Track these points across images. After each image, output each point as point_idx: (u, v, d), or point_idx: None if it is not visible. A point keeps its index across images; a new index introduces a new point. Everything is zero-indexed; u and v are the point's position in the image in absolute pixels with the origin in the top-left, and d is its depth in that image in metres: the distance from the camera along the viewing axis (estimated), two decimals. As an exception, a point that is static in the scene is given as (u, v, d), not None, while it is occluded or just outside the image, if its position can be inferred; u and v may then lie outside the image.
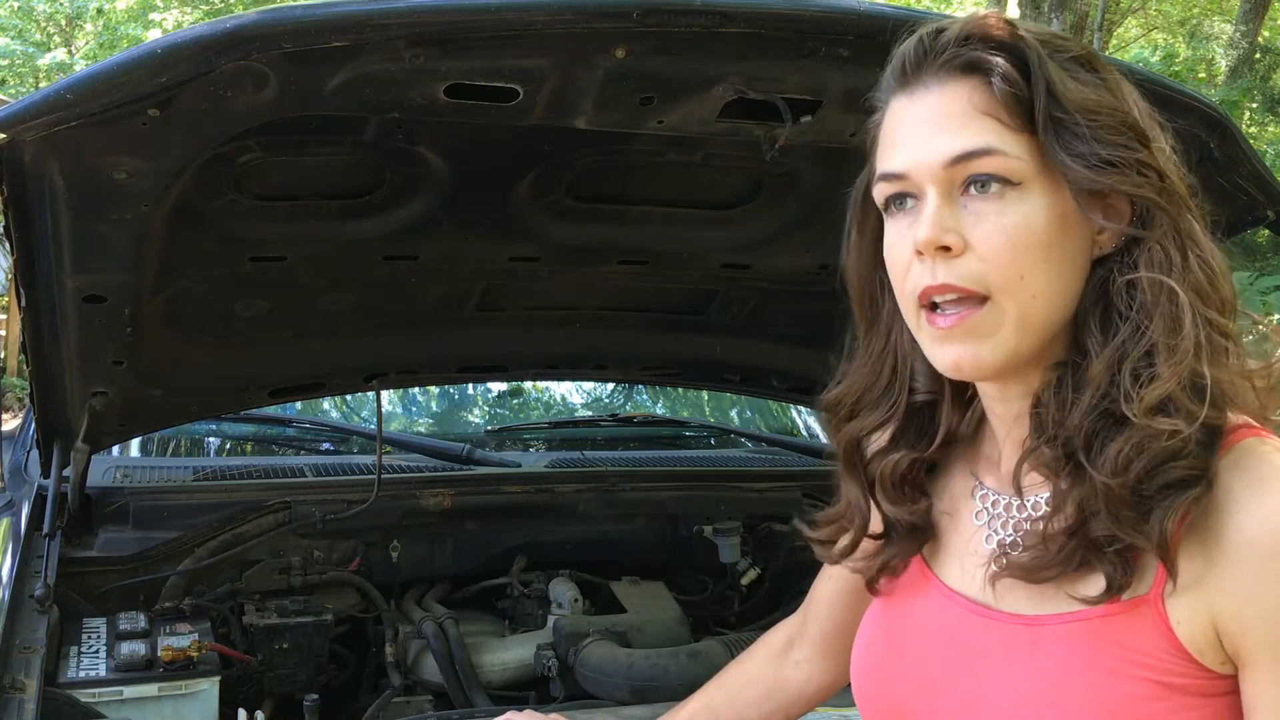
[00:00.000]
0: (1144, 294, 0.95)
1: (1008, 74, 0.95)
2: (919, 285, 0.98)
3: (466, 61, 1.43)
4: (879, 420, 1.12)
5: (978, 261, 0.95)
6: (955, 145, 0.96)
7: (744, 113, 1.58)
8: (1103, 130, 0.95)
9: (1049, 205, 0.96)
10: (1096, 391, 0.95)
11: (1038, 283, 0.96)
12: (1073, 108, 0.94)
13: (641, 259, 2.26)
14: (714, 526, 2.59)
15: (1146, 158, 0.96)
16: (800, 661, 1.37)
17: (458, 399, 3.46)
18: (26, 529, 2.06)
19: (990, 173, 0.95)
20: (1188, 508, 0.91)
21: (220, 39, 1.34)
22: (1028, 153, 0.95)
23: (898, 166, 0.99)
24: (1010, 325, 0.96)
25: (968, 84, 0.97)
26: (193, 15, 16.30)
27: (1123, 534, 0.92)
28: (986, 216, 0.95)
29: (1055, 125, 0.94)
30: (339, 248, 2.02)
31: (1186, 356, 0.92)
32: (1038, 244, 0.95)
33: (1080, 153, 0.94)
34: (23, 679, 1.59)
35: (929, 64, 0.99)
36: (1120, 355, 0.94)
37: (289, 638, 2.19)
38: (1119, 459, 0.92)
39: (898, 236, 1.01)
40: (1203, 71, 16.11)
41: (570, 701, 2.17)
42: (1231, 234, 1.90)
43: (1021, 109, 0.95)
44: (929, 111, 0.98)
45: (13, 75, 15.82)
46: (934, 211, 0.96)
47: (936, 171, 0.97)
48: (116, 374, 1.95)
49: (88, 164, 1.50)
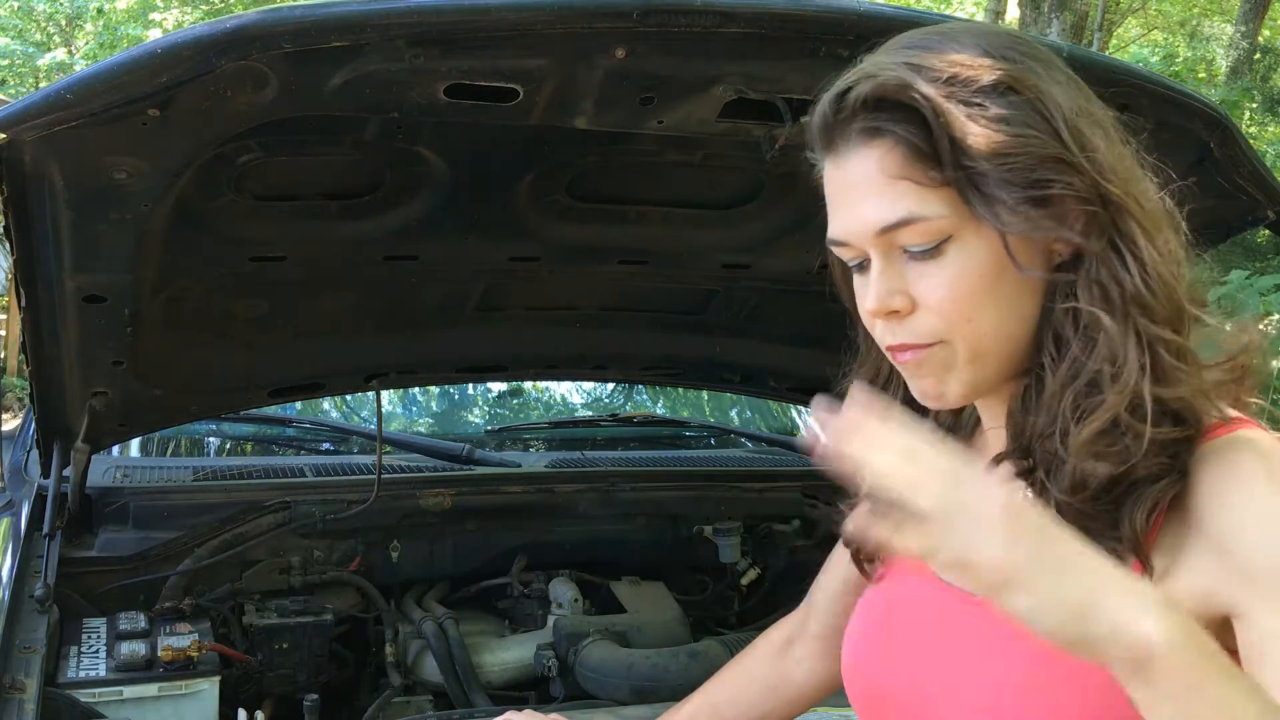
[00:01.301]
0: (1085, 321, 0.96)
1: (910, 138, 0.94)
2: (883, 341, 1.03)
3: (466, 61, 1.43)
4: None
5: (927, 315, 0.98)
6: (878, 216, 0.96)
7: (744, 113, 1.58)
8: (1015, 173, 0.93)
9: (985, 248, 0.96)
10: (1050, 412, 0.97)
11: (985, 321, 0.98)
12: (980, 156, 0.93)
13: (641, 259, 2.26)
14: (714, 526, 2.59)
15: (1067, 188, 0.94)
16: (801, 659, 1.37)
17: (458, 399, 3.46)
18: (26, 529, 2.06)
19: (918, 238, 0.96)
20: (1156, 498, 0.93)
21: (220, 39, 1.33)
22: (950, 206, 0.95)
23: (838, 235, 1.01)
24: (964, 361, 0.99)
25: (878, 149, 0.96)
26: (193, 15, 16.30)
27: (1095, 541, 0.91)
28: (926, 273, 0.97)
29: (968, 176, 0.93)
30: (339, 248, 2.02)
31: (1128, 384, 0.93)
32: (981, 287, 0.96)
33: (1000, 199, 0.93)
34: (23, 679, 1.59)
35: (839, 131, 0.98)
36: (1071, 375, 0.96)
37: (289, 638, 2.19)
38: (1074, 478, 0.94)
39: (859, 292, 1.04)
40: (1203, 71, 16.12)
41: (570, 701, 2.17)
42: (1231, 234, 1.90)
43: (935, 163, 0.94)
44: (849, 179, 0.99)
45: (13, 75, 15.83)
46: (877, 279, 0.99)
47: (870, 239, 0.98)
48: (116, 374, 1.94)
49: (88, 164, 1.50)
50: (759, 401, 3.47)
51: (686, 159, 1.94)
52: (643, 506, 2.62)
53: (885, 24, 1.28)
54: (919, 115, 0.94)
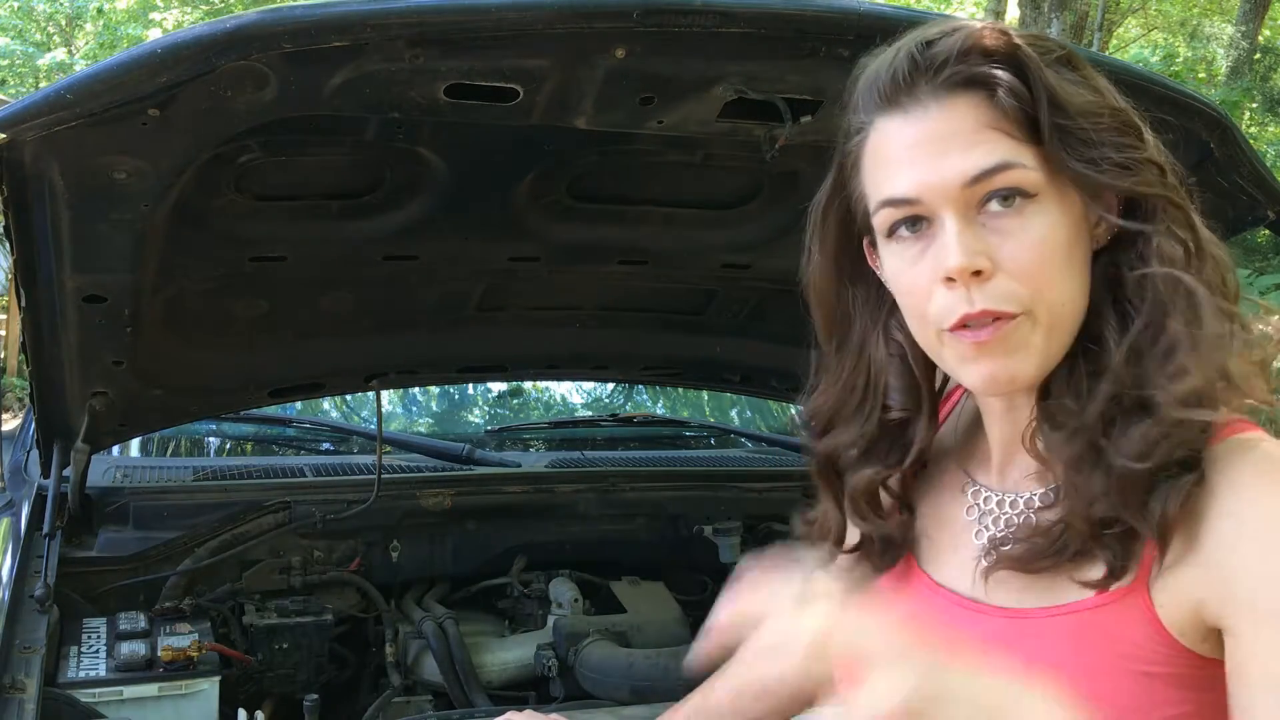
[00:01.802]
0: (1157, 288, 0.94)
1: (1013, 87, 0.93)
2: (954, 313, 0.95)
3: (466, 61, 1.43)
4: (852, 438, 1.11)
5: (1008, 280, 0.94)
6: (971, 164, 0.93)
7: (744, 113, 1.58)
8: (1107, 133, 0.94)
9: (1064, 212, 0.95)
10: (1116, 381, 0.94)
11: (1064, 289, 0.95)
12: (1075, 114, 0.94)
13: (641, 259, 2.26)
14: (714, 526, 2.59)
15: (1151, 154, 0.96)
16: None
17: (458, 399, 3.47)
18: (26, 529, 2.06)
19: (1011, 186, 0.93)
20: (1188, 491, 0.91)
21: (220, 39, 1.33)
22: (1038, 163, 0.94)
23: (905, 191, 0.96)
24: (1042, 334, 0.95)
25: (970, 99, 0.94)
26: (193, 15, 16.30)
27: (1127, 516, 0.92)
28: (1011, 233, 0.94)
29: (1061, 134, 0.93)
30: (339, 248, 2.02)
31: (1214, 349, 0.92)
32: (1060, 252, 0.95)
33: (1091, 158, 0.93)
34: (23, 679, 1.59)
35: (923, 81, 0.96)
36: (1139, 346, 0.94)
37: (289, 638, 2.18)
38: (1145, 443, 0.91)
39: (908, 264, 0.98)
40: (1203, 71, 16.12)
41: (570, 701, 2.17)
42: (1231, 234, 1.90)
43: (1026, 120, 0.94)
44: (931, 130, 0.95)
45: (13, 75, 15.82)
46: (959, 236, 0.94)
47: (953, 193, 0.94)
48: (116, 374, 1.94)
49: (88, 164, 1.50)
50: (759, 401, 3.47)
51: (686, 159, 1.94)
52: (643, 506, 2.62)
53: (885, 24, 1.28)
54: (1016, 67, 0.94)
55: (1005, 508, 1.05)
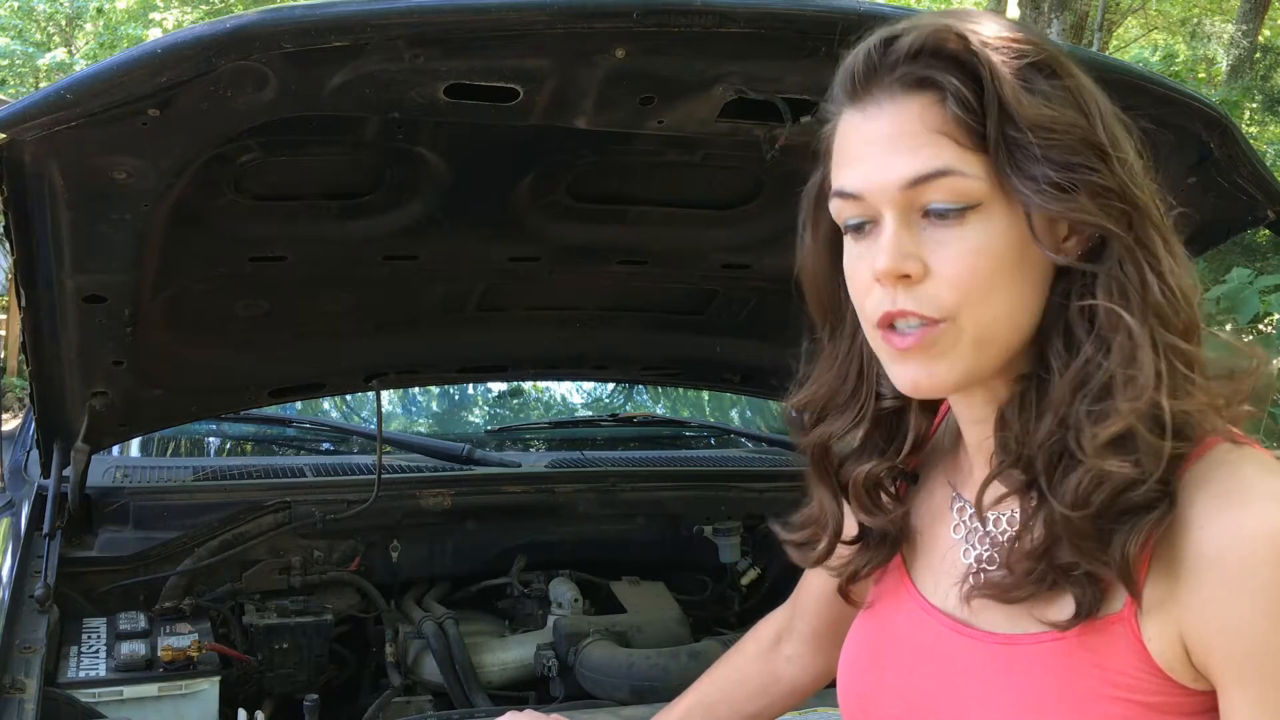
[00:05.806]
0: (1101, 321, 0.92)
1: (959, 92, 0.90)
2: (879, 309, 0.95)
3: (466, 61, 1.43)
4: (847, 425, 1.10)
5: (938, 286, 0.92)
6: (911, 167, 0.92)
7: (744, 113, 1.58)
8: (1056, 150, 0.90)
9: (1009, 225, 0.92)
10: (1056, 416, 0.92)
11: (999, 304, 0.93)
12: (1026, 125, 0.90)
13: (641, 259, 2.26)
14: (714, 526, 2.59)
15: (1102, 178, 0.91)
16: (792, 656, 1.36)
17: (458, 399, 3.47)
18: (26, 529, 2.06)
19: (948, 196, 0.91)
20: (1150, 530, 0.88)
21: (220, 39, 1.34)
22: (984, 172, 0.91)
23: (853, 186, 0.95)
24: (968, 344, 0.94)
25: (920, 101, 0.92)
26: (193, 15, 16.29)
27: (1084, 562, 0.90)
28: (947, 241, 0.92)
29: (1008, 145, 0.90)
30: (339, 248, 2.02)
31: (1145, 391, 0.88)
32: (1000, 266, 0.92)
33: (1033, 175, 0.90)
34: (23, 679, 1.59)
35: (879, 79, 0.94)
36: (1081, 378, 0.92)
37: (289, 638, 2.19)
38: (1078, 492, 0.89)
39: (856, 258, 0.98)
40: (1203, 71, 16.11)
41: (570, 701, 2.17)
42: (1231, 234, 1.90)
43: (976, 127, 0.91)
44: (882, 130, 0.94)
45: (13, 75, 15.81)
46: (892, 238, 0.92)
47: (893, 194, 0.93)
48: (116, 374, 1.95)
49: (88, 164, 1.50)
50: (759, 401, 3.47)
51: (686, 159, 1.94)
52: (643, 506, 2.62)
53: (885, 24, 1.28)
54: (971, 72, 0.91)
55: (989, 525, 1.03)
